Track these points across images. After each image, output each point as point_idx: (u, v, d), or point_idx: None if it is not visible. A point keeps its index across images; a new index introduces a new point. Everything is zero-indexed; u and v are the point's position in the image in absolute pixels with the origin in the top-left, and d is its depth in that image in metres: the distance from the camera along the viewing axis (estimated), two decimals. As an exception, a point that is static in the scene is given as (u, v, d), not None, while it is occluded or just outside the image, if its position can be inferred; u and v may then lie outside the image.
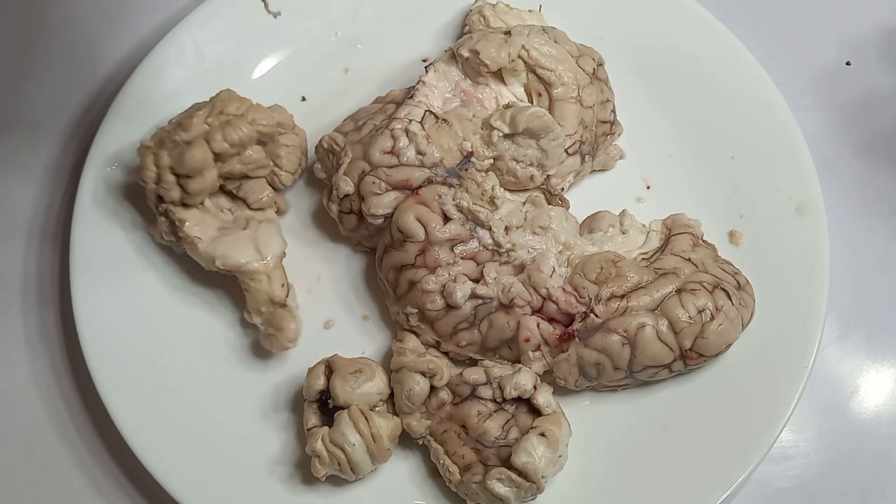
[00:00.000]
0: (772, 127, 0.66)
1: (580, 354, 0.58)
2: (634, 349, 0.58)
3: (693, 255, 0.61)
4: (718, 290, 0.59)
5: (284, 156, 0.64)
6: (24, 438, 0.65)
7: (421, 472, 0.61)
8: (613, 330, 0.58)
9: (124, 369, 0.62)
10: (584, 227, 0.64)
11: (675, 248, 0.61)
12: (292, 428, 0.62)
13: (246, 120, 0.62)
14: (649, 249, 0.62)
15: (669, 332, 0.58)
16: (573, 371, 0.59)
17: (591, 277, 0.59)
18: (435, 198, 0.60)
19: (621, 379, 0.59)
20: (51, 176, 0.70)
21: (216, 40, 0.67)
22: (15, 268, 0.68)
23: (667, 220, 0.64)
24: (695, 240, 0.62)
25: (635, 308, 0.58)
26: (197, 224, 0.62)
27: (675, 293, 0.58)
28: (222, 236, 0.62)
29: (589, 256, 0.60)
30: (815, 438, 0.64)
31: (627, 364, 0.58)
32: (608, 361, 0.58)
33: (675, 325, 0.58)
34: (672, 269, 0.60)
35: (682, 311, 0.58)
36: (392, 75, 0.70)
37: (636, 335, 0.58)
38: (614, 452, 0.61)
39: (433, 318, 0.60)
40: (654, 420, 0.62)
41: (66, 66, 0.73)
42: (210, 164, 0.61)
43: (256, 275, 0.61)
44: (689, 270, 0.60)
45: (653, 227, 0.64)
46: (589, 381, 0.60)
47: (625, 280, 0.59)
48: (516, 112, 0.61)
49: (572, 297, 0.59)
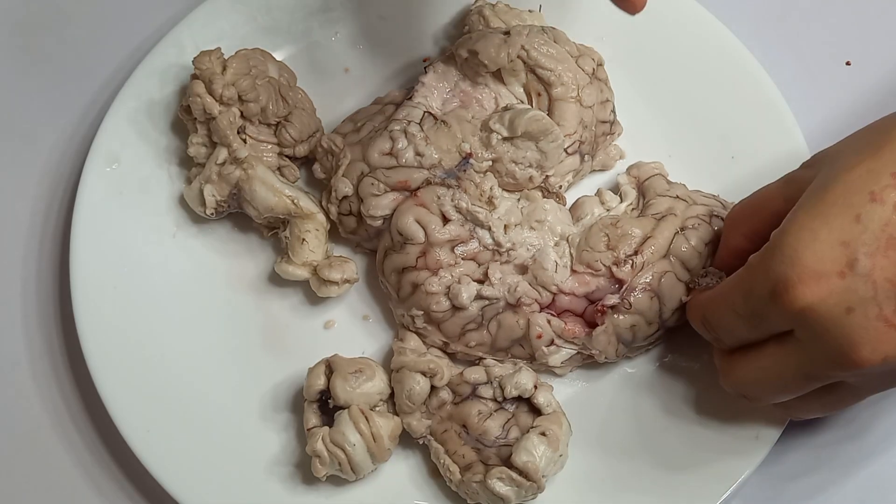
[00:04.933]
0: (772, 127, 0.66)
1: (616, 323, 0.59)
2: (662, 298, 0.59)
3: (677, 192, 0.62)
4: (713, 217, 0.61)
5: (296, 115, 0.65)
6: (24, 438, 0.65)
7: (421, 472, 0.61)
8: (639, 288, 0.59)
9: (124, 369, 0.62)
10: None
11: (658, 190, 0.63)
12: (292, 428, 0.62)
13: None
14: (631, 200, 0.64)
15: (684, 270, 0.59)
16: (612, 340, 0.59)
17: (600, 248, 0.60)
18: (434, 199, 0.60)
19: (654, 332, 0.60)
20: (51, 176, 0.70)
21: (216, 40, 0.67)
22: (15, 268, 0.68)
23: (631, 170, 0.65)
24: (665, 178, 0.64)
25: (650, 260, 0.59)
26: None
27: (679, 233, 0.60)
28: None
29: (587, 230, 0.60)
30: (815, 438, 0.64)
31: (658, 315, 0.59)
32: (642, 320, 0.59)
33: (688, 264, 0.59)
34: (667, 211, 0.61)
35: (690, 248, 0.59)
36: (392, 75, 0.70)
37: (659, 285, 0.59)
38: (615, 452, 0.61)
39: (439, 319, 0.60)
40: (654, 420, 0.62)
41: (66, 66, 0.73)
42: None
43: (320, 215, 0.63)
44: (682, 207, 0.61)
45: (621, 181, 0.65)
46: (626, 347, 0.60)
47: (631, 237, 0.60)
48: (515, 115, 0.61)
49: (585, 275, 0.59)
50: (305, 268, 0.62)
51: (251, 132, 0.64)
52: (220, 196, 0.63)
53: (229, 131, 0.62)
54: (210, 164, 0.63)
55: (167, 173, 0.66)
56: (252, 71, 0.63)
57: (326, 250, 0.63)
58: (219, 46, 0.64)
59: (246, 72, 0.63)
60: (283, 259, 0.63)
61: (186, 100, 0.64)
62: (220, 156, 0.63)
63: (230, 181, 0.63)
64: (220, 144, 0.63)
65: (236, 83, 0.62)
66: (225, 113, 0.62)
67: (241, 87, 0.62)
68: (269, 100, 0.63)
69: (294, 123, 0.64)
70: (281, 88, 0.64)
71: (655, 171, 0.64)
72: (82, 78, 0.72)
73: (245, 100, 0.63)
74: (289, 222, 0.63)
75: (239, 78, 0.63)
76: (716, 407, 0.61)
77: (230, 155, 0.63)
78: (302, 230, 0.62)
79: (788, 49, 0.73)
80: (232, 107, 0.63)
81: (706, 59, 0.68)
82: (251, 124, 0.64)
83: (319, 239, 0.63)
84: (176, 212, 0.66)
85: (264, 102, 0.63)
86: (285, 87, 0.65)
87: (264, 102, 0.63)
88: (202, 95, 0.62)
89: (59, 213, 0.69)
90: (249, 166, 0.62)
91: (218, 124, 0.62)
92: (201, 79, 0.62)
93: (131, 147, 0.66)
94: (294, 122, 0.64)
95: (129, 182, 0.65)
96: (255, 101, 0.63)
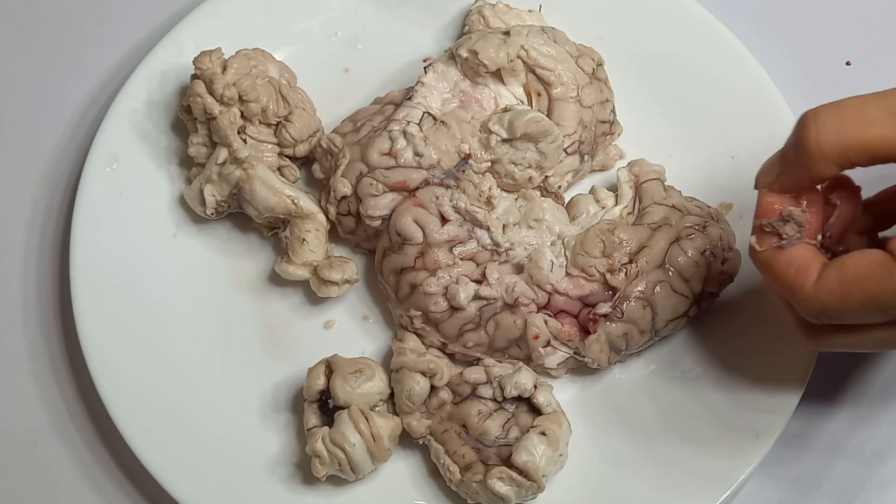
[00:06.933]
0: (772, 127, 0.66)
1: (608, 331, 0.59)
2: (655, 308, 0.59)
3: (673, 201, 0.62)
4: (708, 228, 0.60)
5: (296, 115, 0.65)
6: (24, 438, 0.65)
7: (421, 472, 0.61)
8: (632, 296, 0.58)
9: (124, 369, 0.62)
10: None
11: (655, 197, 0.62)
12: (292, 428, 0.62)
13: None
14: (627, 202, 0.63)
15: (680, 281, 0.59)
16: (605, 349, 0.59)
17: (595, 254, 0.59)
18: (432, 199, 0.60)
19: (647, 341, 0.60)
20: (50, 176, 0.70)
21: (216, 40, 0.67)
22: (15, 268, 0.68)
23: (632, 167, 0.64)
24: (663, 184, 0.64)
25: (644, 269, 0.59)
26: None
27: (675, 243, 0.60)
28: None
29: (584, 234, 0.60)
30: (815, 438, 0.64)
31: (651, 325, 0.59)
32: (634, 328, 0.59)
33: (685, 274, 0.59)
34: (663, 221, 0.61)
35: (687, 259, 0.59)
36: (392, 75, 0.69)
37: (653, 295, 0.59)
38: (615, 451, 0.61)
39: (438, 320, 0.60)
40: (655, 420, 0.62)
41: (66, 66, 0.73)
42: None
43: (320, 215, 0.63)
44: (677, 217, 0.61)
45: (620, 176, 0.64)
46: (618, 354, 0.60)
47: (626, 245, 0.59)
48: (514, 116, 0.61)
49: (580, 278, 0.59)
50: (305, 268, 0.62)
51: (251, 132, 0.64)
52: (221, 196, 0.63)
53: (230, 131, 0.62)
54: (210, 164, 0.63)
55: (167, 173, 0.66)
56: (252, 71, 0.63)
57: (326, 250, 0.63)
58: (219, 46, 0.64)
59: (246, 72, 0.63)
60: (283, 259, 0.63)
61: (187, 100, 0.64)
62: (221, 156, 0.63)
63: (230, 181, 0.63)
64: (220, 144, 0.63)
65: (237, 83, 0.62)
66: (225, 113, 0.62)
67: (242, 87, 0.62)
68: (269, 100, 0.63)
69: (294, 123, 0.64)
70: (281, 88, 0.64)
71: (655, 176, 0.64)
72: (82, 78, 0.73)
73: (245, 100, 0.63)
74: (289, 222, 0.63)
75: (239, 78, 0.63)
76: (715, 407, 0.61)
77: (230, 155, 0.63)
78: (302, 230, 0.62)
79: (788, 49, 0.73)
80: (232, 107, 0.63)
81: (706, 59, 0.68)
82: (251, 124, 0.64)
83: (319, 239, 0.63)
84: (176, 212, 0.66)
85: (265, 102, 0.63)
86: (285, 87, 0.65)
87: (265, 102, 0.63)
88: (203, 95, 0.62)
89: (59, 213, 0.69)
90: (250, 166, 0.62)
91: (218, 124, 0.62)
92: (202, 79, 0.62)
93: (131, 147, 0.66)
94: (294, 122, 0.64)
95: (129, 182, 0.65)
96: (255, 101, 0.63)
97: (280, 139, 0.64)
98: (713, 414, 0.61)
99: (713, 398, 0.61)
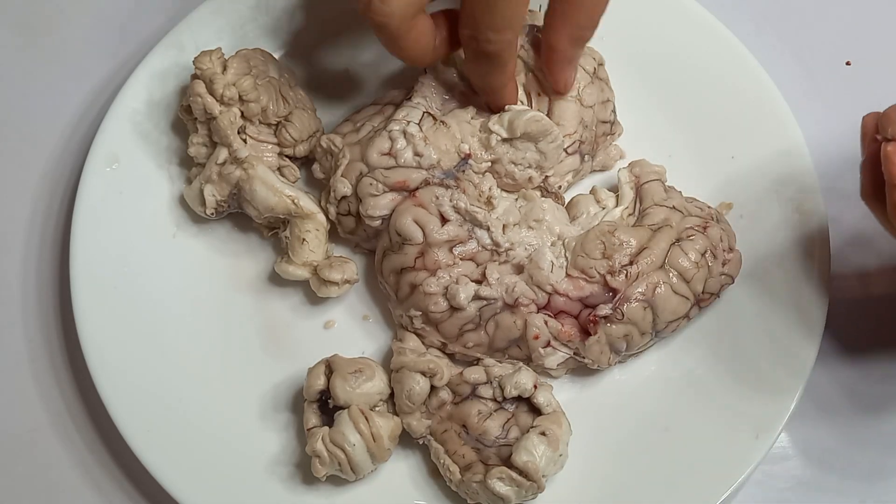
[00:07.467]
0: (772, 127, 0.66)
1: (608, 332, 0.59)
2: (655, 310, 0.59)
3: (674, 202, 0.62)
4: (709, 229, 0.60)
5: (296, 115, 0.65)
6: (24, 438, 0.65)
7: (421, 472, 0.61)
8: (633, 298, 0.58)
9: (124, 369, 0.62)
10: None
11: (655, 198, 0.62)
12: (292, 428, 0.62)
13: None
14: (628, 203, 0.63)
15: (681, 282, 0.59)
16: (605, 350, 0.59)
17: (595, 255, 0.59)
18: (432, 199, 0.60)
19: (647, 342, 0.60)
20: (50, 176, 0.70)
21: (216, 40, 0.67)
22: (15, 268, 0.68)
23: (633, 167, 0.64)
24: (664, 185, 0.63)
25: (645, 270, 0.59)
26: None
27: (675, 244, 0.59)
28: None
29: (584, 235, 0.60)
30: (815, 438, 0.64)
31: (652, 326, 0.59)
32: (635, 330, 0.59)
33: (685, 275, 0.59)
34: (663, 222, 0.61)
35: (688, 260, 0.59)
36: (392, 75, 0.69)
37: (654, 296, 0.59)
38: (615, 452, 0.61)
39: (437, 320, 0.60)
40: (655, 420, 0.62)
41: (67, 66, 0.73)
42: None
43: (320, 215, 0.63)
44: (677, 218, 0.61)
45: (621, 177, 0.64)
46: (618, 355, 0.60)
47: (627, 247, 0.59)
48: (514, 116, 0.61)
49: (580, 279, 0.59)
50: (305, 268, 0.62)
51: (251, 132, 0.64)
52: (221, 196, 0.63)
53: (230, 131, 0.62)
54: (210, 164, 0.63)
55: (167, 173, 0.66)
56: (252, 71, 0.63)
57: (326, 250, 0.63)
58: (219, 46, 0.64)
59: (246, 72, 0.63)
60: (283, 259, 0.63)
61: (187, 100, 0.64)
62: (221, 156, 0.63)
63: (230, 181, 0.63)
64: (220, 144, 0.63)
65: (237, 83, 0.62)
66: (225, 113, 0.62)
67: (242, 87, 0.62)
68: (269, 100, 0.63)
69: (294, 123, 0.64)
70: (281, 88, 0.64)
71: (656, 176, 0.64)
72: (82, 78, 0.72)
73: (246, 100, 0.63)
74: (289, 222, 0.63)
75: (239, 78, 0.63)
76: (715, 407, 0.61)
77: (230, 155, 0.63)
78: (302, 230, 0.62)
79: (788, 49, 0.73)
80: (232, 107, 0.63)
81: (706, 59, 0.68)
82: (251, 124, 0.64)
83: (319, 239, 0.63)
84: (176, 212, 0.66)
85: (265, 102, 0.63)
86: (285, 87, 0.65)
87: (265, 102, 0.63)
88: (203, 95, 0.62)
89: (59, 213, 0.69)
90: (250, 166, 0.62)
91: (218, 124, 0.62)
92: (202, 79, 0.62)
93: (131, 147, 0.66)
94: (294, 122, 0.64)
95: (129, 182, 0.65)
96: (255, 101, 0.63)
97: (280, 139, 0.64)
98: (713, 414, 0.61)
99: (713, 398, 0.61)
